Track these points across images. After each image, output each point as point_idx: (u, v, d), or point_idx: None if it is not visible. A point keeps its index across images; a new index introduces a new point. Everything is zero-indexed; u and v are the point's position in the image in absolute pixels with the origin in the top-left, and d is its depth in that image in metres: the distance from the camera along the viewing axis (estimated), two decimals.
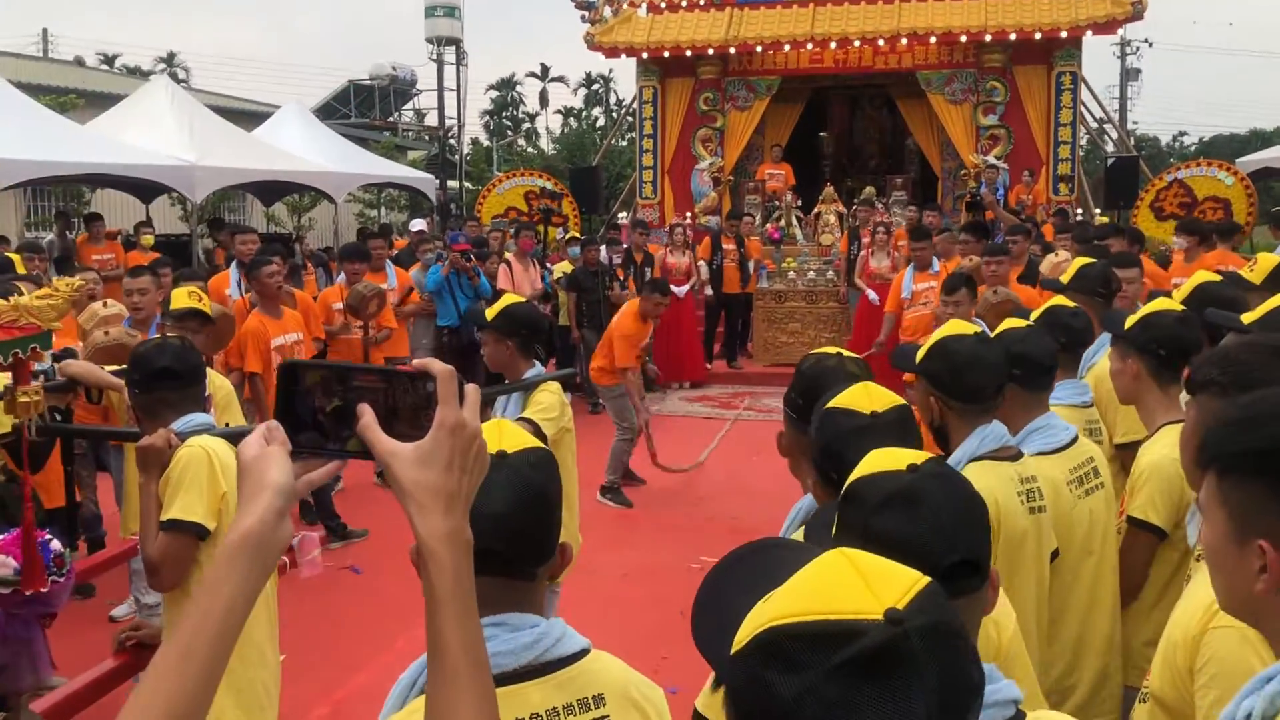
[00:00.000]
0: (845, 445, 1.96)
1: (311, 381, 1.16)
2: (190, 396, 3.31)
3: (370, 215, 27.00)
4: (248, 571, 1.08)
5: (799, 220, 15.63)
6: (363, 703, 5.01)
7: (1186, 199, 16.09)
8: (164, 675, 1.03)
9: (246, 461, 1.13)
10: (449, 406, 1.13)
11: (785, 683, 0.89)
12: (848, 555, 0.98)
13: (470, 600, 1.13)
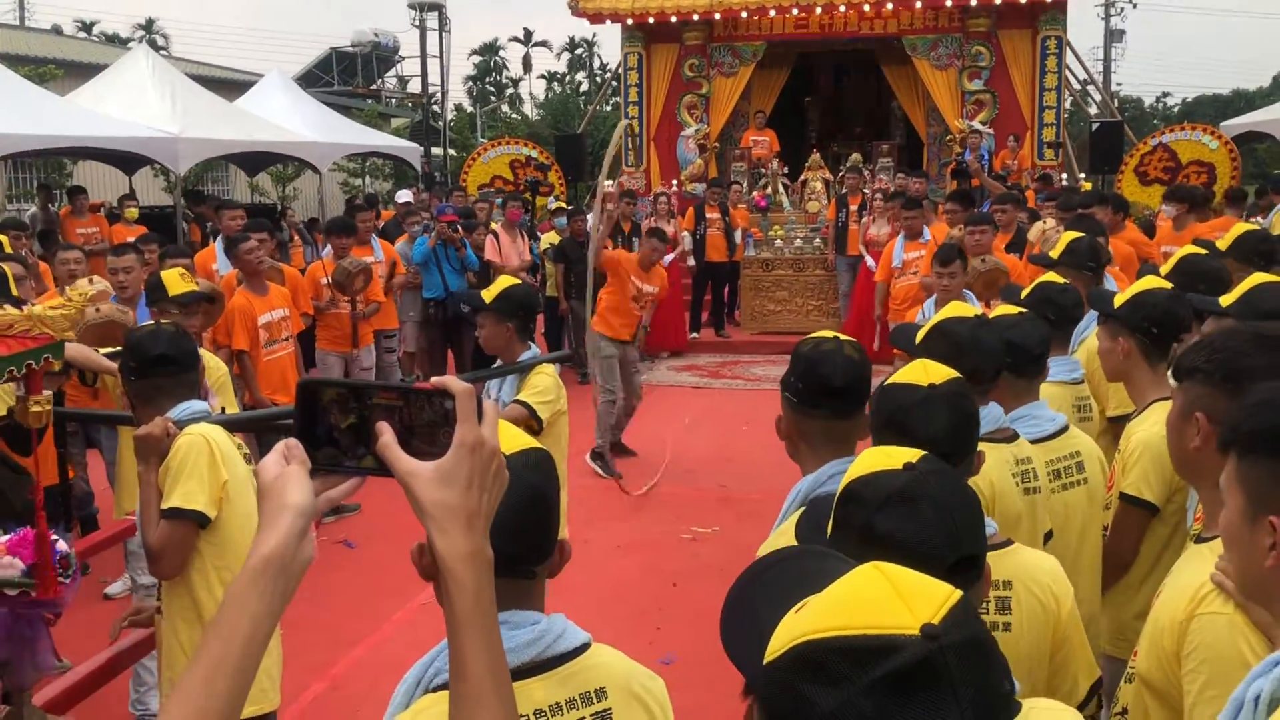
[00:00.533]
0: (907, 416, 2.08)
1: (329, 398, 1.16)
2: (186, 383, 3.29)
3: (355, 185, 26.83)
4: (271, 594, 1.09)
5: (785, 188, 15.61)
6: (359, 677, 5.06)
7: (1171, 163, 16.12)
8: (191, 699, 1.04)
9: (266, 482, 1.13)
10: (468, 424, 1.13)
11: (823, 696, 0.90)
12: (882, 570, 1.00)
13: (492, 620, 1.14)
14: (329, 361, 8.29)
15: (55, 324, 2.85)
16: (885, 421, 2.14)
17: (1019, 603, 2.14)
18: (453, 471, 1.12)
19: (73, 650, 4.56)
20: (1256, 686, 1.42)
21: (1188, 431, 2.05)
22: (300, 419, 1.16)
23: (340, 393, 1.17)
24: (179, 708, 1.04)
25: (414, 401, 1.15)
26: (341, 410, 1.16)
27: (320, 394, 1.17)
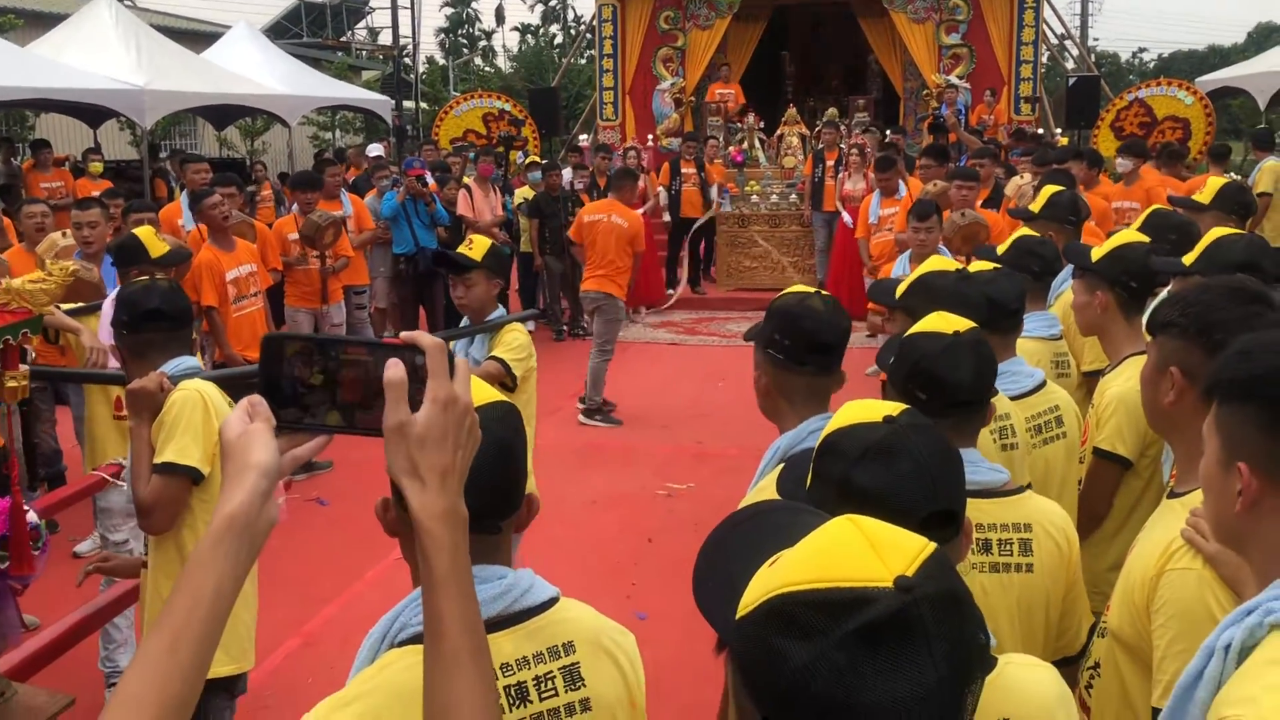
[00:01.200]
0: (934, 363, 2.12)
1: (295, 353, 1.13)
2: (178, 339, 3.27)
3: (325, 138, 26.48)
4: (235, 555, 1.06)
5: (761, 142, 15.51)
6: (333, 634, 5.05)
7: (1146, 119, 16.14)
8: (156, 664, 1.02)
9: (229, 440, 1.11)
10: (440, 380, 1.11)
11: (795, 650, 0.89)
12: (856, 522, 0.98)
13: (468, 578, 1.12)
14: (298, 318, 8.20)
15: (34, 298, 2.78)
16: (911, 371, 2.15)
17: (1039, 545, 2.16)
18: (427, 428, 1.09)
19: (39, 611, 4.53)
20: (1228, 635, 1.43)
21: (1162, 385, 2.05)
22: (264, 375, 1.13)
23: (306, 348, 1.13)
24: (142, 672, 1.02)
25: (383, 357, 1.12)
26: (308, 366, 1.12)
27: (286, 349, 1.13)
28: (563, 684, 1.57)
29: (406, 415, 1.09)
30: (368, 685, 1.50)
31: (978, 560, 2.11)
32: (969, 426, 2.21)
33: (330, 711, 1.47)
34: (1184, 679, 1.46)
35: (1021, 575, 2.15)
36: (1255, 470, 1.46)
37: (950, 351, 2.13)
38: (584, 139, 17.07)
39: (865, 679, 0.86)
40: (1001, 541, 2.13)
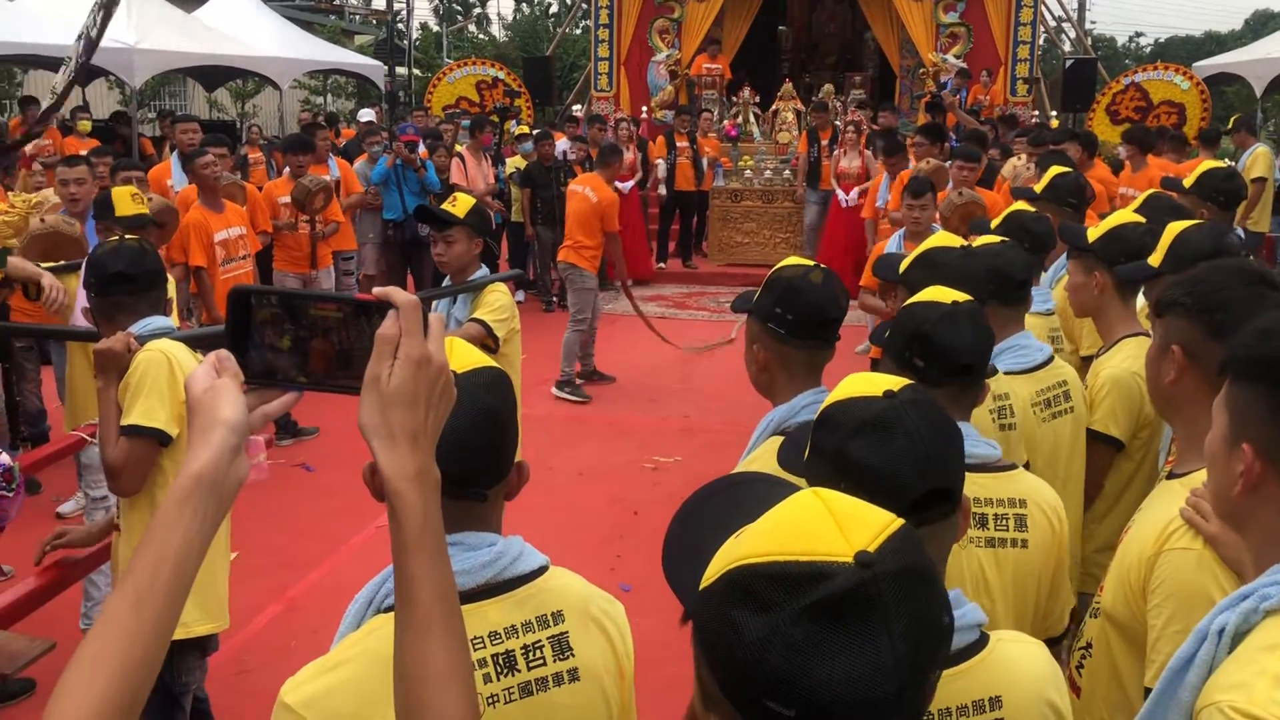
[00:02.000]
0: (933, 328, 2.12)
1: (264, 308, 1.09)
2: (148, 301, 3.24)
3: (316, 103, 26.28)
4: (202, 514, 1.03)
5: (756, 117, 15.43)
6: (316, 600, 5.03)
7: (1142, 103, 16.11)
8: (119, 624, 0.99)
9: (196, 396, 1.07)
10: (414, 339, 1.07)
11: (752, 623, 0.87)
12: (821, 495, 0.96)
13: (440, 541, 1.10)
14: (286, 283, 8.13)
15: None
16: (910, 339, 2.15)
17: (1034, 521, 2.15)
18: (399, 388, 1.06)
19: (22, 566, 4.50)
20: (1221, 619, 1.41)
21: (1165, 365, 2.03)
22: (232, 330, 1.09)
23: (276, 303, 1.09)
24: (105, 631, 0.99)
25: (355, 314, 1.08)
26: (277, 322, 1.08)
27: (255, 303, 1.09)
28: (551, 653, 1.55)
29: (386, 371, 1.06)
30: (353, 650, 1.48)
31: (975, 535, 2.09)
32: (965, 398, 2.19)
33: (315, 675, 1.45)
34: (1175, 662, 1.45)
35: (1016, 551, 2.14)
36: (1259, 452, 1.44)
37: (949, 318, 2.13)
38: (578, 109, 16.96)
39: (820, 655, 0.84)
40: (998, 516, 2.12)
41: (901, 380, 1.56)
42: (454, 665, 1.09)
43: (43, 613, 3.44)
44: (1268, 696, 1.24)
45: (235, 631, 4.40)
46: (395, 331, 1.07)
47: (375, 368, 1.06)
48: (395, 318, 1.07)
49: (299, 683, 1.45)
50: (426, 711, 1.08)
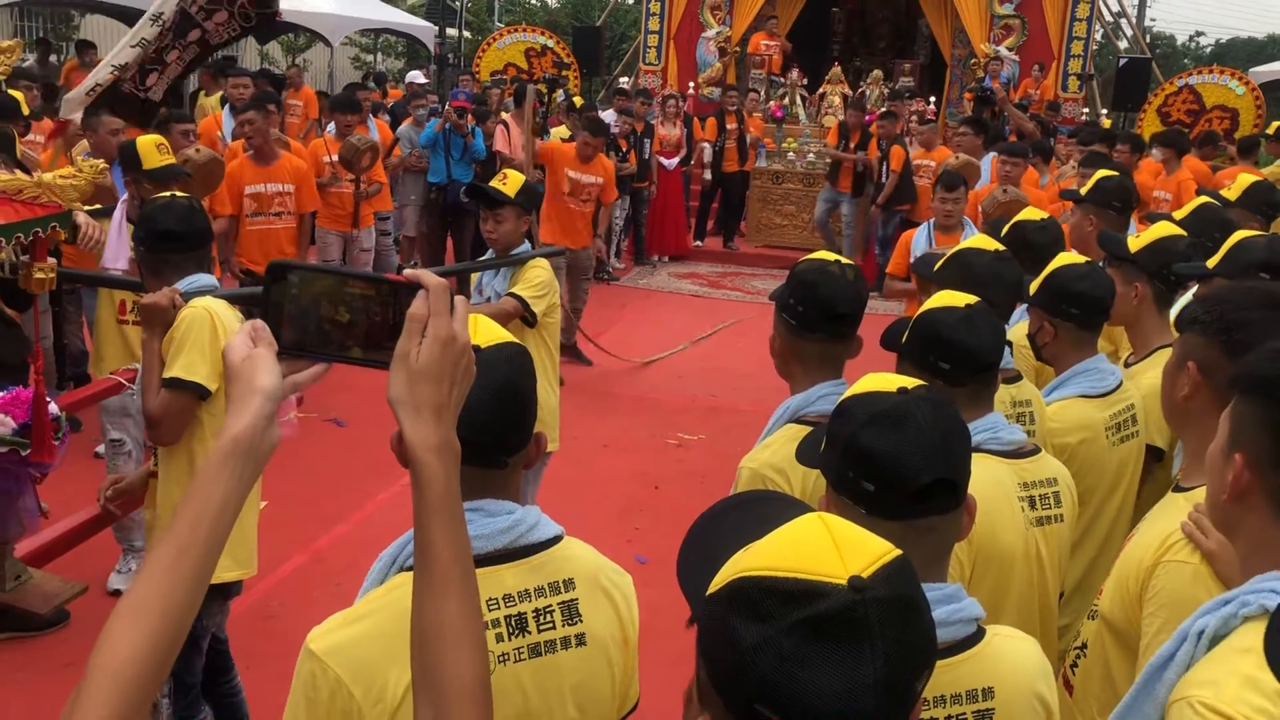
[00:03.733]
0: (954, 332, 2.20)
1: (300, 282, 1.15)
2: (194, 258, 3.32)
3: (366, 61, 26.36)
4: (239, 475, 1.11)
5: (803, 99, 15.34)
6: (342, 553, 5.14)
7: (1194, 105, 15.86)
8: (161, 574, 1.07)
9: (234, 364, 1.14)
10: (441, 319, 1.15)
11: (748, 631, 0.95)
12: (825, 520, 1.03)
13: (459, 509, 1.17)
14: (328, 240, 8.25)
15: (64, 193, 2.83)
16: (930, 342, 2.22)
17: (1065, 497, 2.30)
18: (426, 364, 1.14)
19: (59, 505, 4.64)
20: (1202, 623, 1.48)
21: (1180, 380, 2.07)
22: (267, 301, 1.15)
23: (311, 277, 1.16)
24: (149, 581, 1.07)
25: (386, 292, 1.15)
26: (311, 295, 1.15)
27: (290, 276, 1.15)
28: (560, 618, 1.62)
29: (415, 348, 1.14)
30: (376, 604, 1.55)
31: (1029, 516, 2.22)
32: (986, 393, 2.30)
33: (340, 626, 1.53)
34: (1156, 659, 1.51)
35: (1056, 526, 2.28)
36: (1248, 463, 1.51)
37: (967, 320, 2.21)
38: (625, 82, 16.92)
39: (806, 667, 0.92)
40: (1042, 497, 2.25)
41: (917, 382, 1.62)
42: (468, 625, 1.16)
43: (76, 555, 3.57)
44: (1235, 695, 1.30)
45: (261, 578, 4.53)
46: (424, 311, 1.14)
47: (405, 344, 1.14)
48: (425, 298, 1.15)
49: (324, 632, 1.53)
50: (441, 667, 1.15)
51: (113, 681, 1.02)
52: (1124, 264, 3.14)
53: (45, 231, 2.76)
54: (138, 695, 1.03)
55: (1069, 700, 2.05)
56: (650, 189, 12.20)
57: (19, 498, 2.99)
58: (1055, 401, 2.85)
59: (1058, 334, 2.88)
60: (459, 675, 1.14)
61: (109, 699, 1.01)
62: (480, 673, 1.17)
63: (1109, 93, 16.38)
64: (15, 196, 2.75)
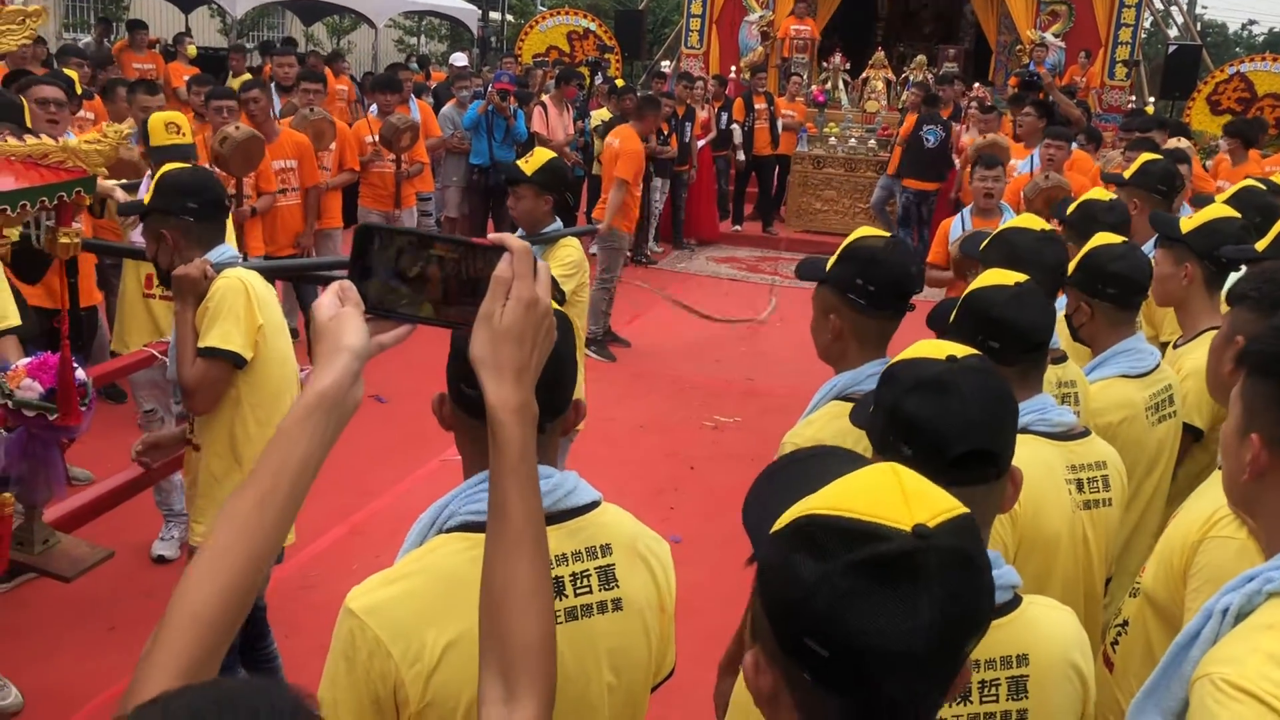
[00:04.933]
0: (1004, 311, 2.18)
1: (387, 244, 1.17)
2: (215, 227, 3.34)
3: (410, 43, 26.46)
4: (322, 429, 1.14)
5: (846, 84, 15.23)
6: (381, 525, 5.20)
7: (1246, 94, 15.58)
8: (243, 521, 1.10)
9: (322, 322, 1.16)
10: (525, 282, 1.17)
11: (807, 567, 0.96)
12: (896, 470, 1.04)
13: (533, 471, 1.19)
14: (371, 219, 8.30)
15: (89, 158, 2.85)
16: (980, 321, 2.20)
17: (1114, 480, 2.28)
18: (510, 325, 1.15)
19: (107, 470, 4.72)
20: (1227, 599, 1.48)
21: (1227, 354, 2.05)
22: (355, 263, 1.18)
23: (400, 239, 1.18)
24: (231, 527, 1.10)
25: (471, 255, 1.17)
26: (398, 257, 1.17)
27: (379, 239, 1.18)
28: (597, 582, 1.62)
29: (499, 309, 1.15)
30: (415, 565, 1.56)
31: (1077, 499, 2.20)
32: (1036, 373, 2.27)
33: (378, 586, 1.54)
34: (1181, 637, 1.51)
35: (1104, 510, 2.25)
36: (1265, 442, 1.51)
37: (1017, 299, 2.19)
38: (666, 65, 16.88)
39: (859, 606, 0.92)
40: (1089, 480, 2.23)
41: (968, 349, 1.62)
42: (538, 586, 1.18)
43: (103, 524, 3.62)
44: (1258, 671, 1.30)
45: (301, 549, 4.59)
46: (509, 273, 1.16)
47: (489, 305, 1.16)
48: (509, 261, 1.16)
49: (364, 591, 1.54)
50: (509, 626, 1.16)
51: (192, 621, 1.05)
52: (1175, 245, 3.11)
53: (70, 196, 2.78)
54: (214, 637, 1.06)
55: (1109, 677, 2.03)
56: (690, 173, 12.16)
57: (48, 463, 3.03)
58: (1096, 381, 2.83)
59: (1095, 314, 2.86)
60: (527, 634, 1.16)
61: (187, 638, 1.04)
62: (548, 633, 1.18)
63: (1157, 80, 16.13)
64: (40, 161, 2.77)
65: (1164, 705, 1.53)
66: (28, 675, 3.83)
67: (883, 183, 12.16)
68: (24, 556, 3.12)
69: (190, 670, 1.03)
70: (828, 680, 0.95)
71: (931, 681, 0.96)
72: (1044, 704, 1.53)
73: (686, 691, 2.39)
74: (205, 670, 1.04)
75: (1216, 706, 1.30)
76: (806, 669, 0.96)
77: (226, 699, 0.76)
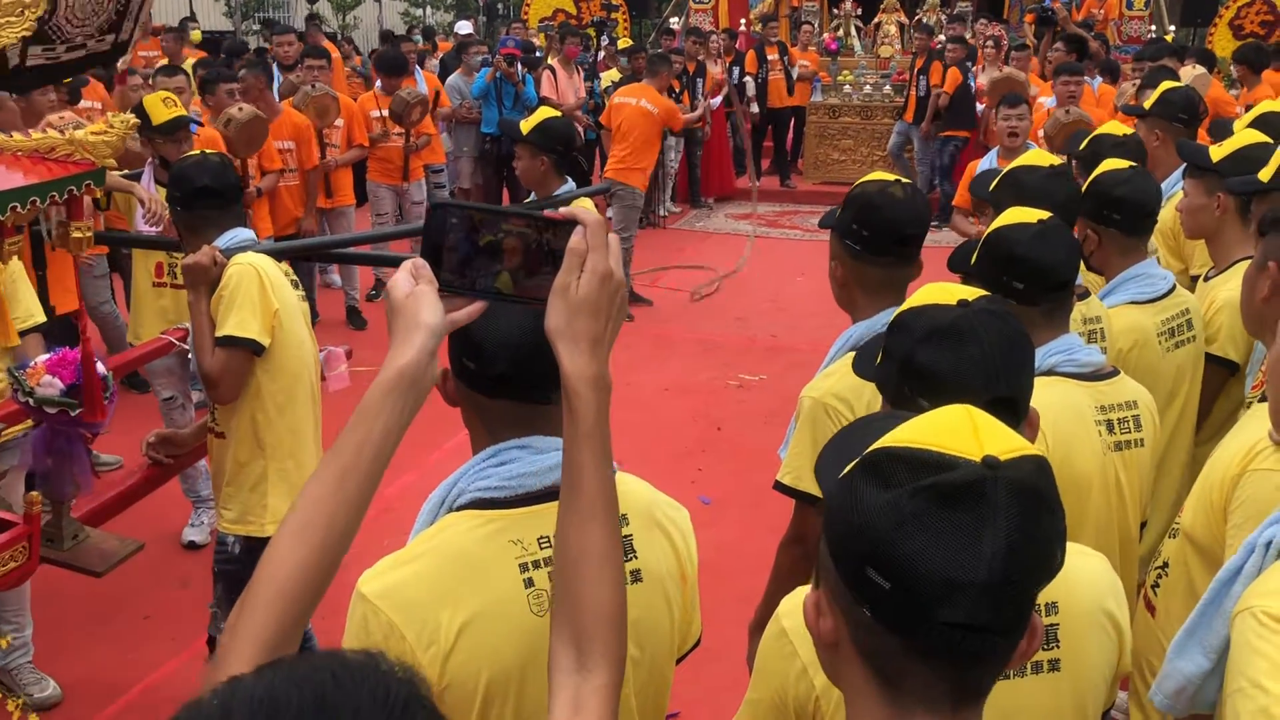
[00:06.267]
0: (1029, 249, 2.11)
1: (460, 222, 1.18)
2: (231, 214, 3.31)
3: (415, 14, 26.29)
4: (401, 405, 1.15)
5: (858, 30, 14.98)
6: (410, 501, 5.16)
7: (1269, 16, 15.18)
8: (325, 494, 1.13)
9: (398, 300, 1.17)
10: (600, 254, 1.17)
11: (872, 494, 0.95)
12: (970, 411, 1.02)
13: (607, 441, 1.19)
14: (380, 194, 8.27)
15: (96, 150, 2.81)
16: (1003, 261, 2.14)
17: (1145, 421, 2.21)
18: (585, 297, 1.16)
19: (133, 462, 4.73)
20: (1271, 532, 1.44)
21: (1260, 281, 1.97)
22: (429, 241, 1.19)
23: (471, 217, 1.19)
24: (312, 506, 1.13)
25: (545, 229, 1.18)
26: (470, 235, 1.18)
27: (450, 217, 1.19)
28: None
29: (574, 281, 1.16)
30: (426, 546, 1.53)
31: (1106, 440, 2.15)
32: (1062, 312, 2.21)
33: (390, 568, 1.51)
34: (1223, 573, 1.46)
35: (1136, 451, 2.19)
36: None
37: (1042, 237, 2.12)
38: (675, 22, 16.66)
39: (923, 531, 0.91)
40: (1120, 420, 2.17)
41: (977, 291, 1.55)
42: (611, 552, 1.19)
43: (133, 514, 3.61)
44: None
45: None
46: (584, 246, 1.16)
47: (564, 278, 1.16)
48: (583, 234, 1.17)
49: (374, 574, 1.51)
50: (583, 591, 1.17)
51: (277, 594, 1.08)
52: (1206, 174, 3.01)
53: (80, 189, 2.74)
54: (298, 608, 1.10)
55: (1151, 621, 1.98)
56: (705, 130, 12.01)
57: (72, 458, 3.02)
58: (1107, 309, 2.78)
59: (1102, 241, 2.81)
60: (600, 600, 1.17)
61: (272, 609, 1.08)
62: (620, 599, 1.19)
63: (1176, 8, 15.76)
64: (48, 155, 2.73)
65: (1206, 643, 1.49)
66: (64, 668, 3.85)
67: (899, 128, 11.99)
68: (54, 553, 3.12)
69: (274, 643, 1.06)
70: (888, 616, 0.93)
71: (994, 617, 0.92)
72: (1076, 652, 1.48)
73: (718, 654, 2.36)
74: (289, 643, 1.08)
75: (1258, 640, 1.26)
76: (867, 603, 0.94)
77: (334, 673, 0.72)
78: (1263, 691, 1.29)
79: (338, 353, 3.84)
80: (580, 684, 1.15)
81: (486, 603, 1.44)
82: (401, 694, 0.72)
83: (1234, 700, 1.34)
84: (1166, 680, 1.63)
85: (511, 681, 1.44)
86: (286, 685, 0.71)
